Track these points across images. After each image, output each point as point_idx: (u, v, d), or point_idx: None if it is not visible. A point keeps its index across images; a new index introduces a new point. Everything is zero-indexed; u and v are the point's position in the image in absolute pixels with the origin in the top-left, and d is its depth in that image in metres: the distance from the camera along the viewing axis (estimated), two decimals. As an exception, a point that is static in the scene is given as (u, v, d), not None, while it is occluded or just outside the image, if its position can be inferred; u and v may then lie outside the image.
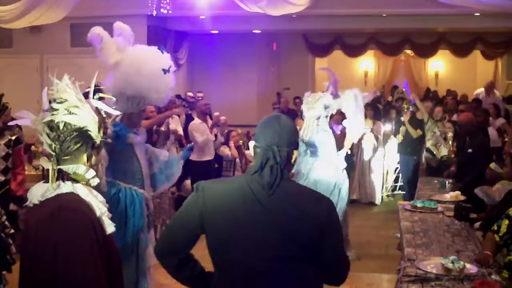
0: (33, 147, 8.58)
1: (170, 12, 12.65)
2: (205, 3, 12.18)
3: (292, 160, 2.53)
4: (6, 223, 3.89)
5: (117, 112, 2.50)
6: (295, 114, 11.75)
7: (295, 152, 2.53)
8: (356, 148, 10.78)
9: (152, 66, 4.77)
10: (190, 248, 2.60)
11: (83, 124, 2.34)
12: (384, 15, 13.41)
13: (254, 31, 15.08)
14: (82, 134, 2.33)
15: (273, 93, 16.63)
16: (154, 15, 12.70)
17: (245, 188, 2.48)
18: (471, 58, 17.62)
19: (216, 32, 14.76)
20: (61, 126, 2.31)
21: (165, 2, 12.47)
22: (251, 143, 2.59)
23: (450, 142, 8.86)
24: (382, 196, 11.56)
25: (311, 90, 9.45)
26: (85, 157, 2.38)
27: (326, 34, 16.63)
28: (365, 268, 7.20)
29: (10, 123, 4.49)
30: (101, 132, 2.40)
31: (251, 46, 15.87)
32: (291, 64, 17.47)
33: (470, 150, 7.71)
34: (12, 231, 3.96)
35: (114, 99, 4.25)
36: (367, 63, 20.16)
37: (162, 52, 4.95)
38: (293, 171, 5.82)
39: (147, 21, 13.24)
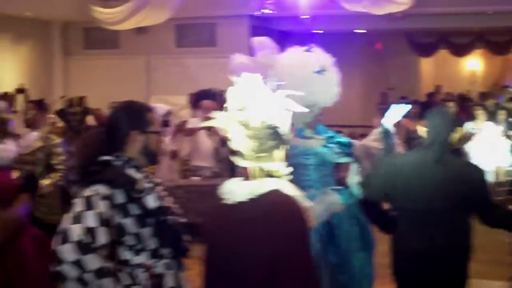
0: None
1: (273, 12, 12.62)
2: (308, 2, 12.06)
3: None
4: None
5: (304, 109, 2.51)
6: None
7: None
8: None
9: (302, 72, 4.62)
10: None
11: (277, 122, 2.40)
12: (490, 12, 12.85)
13: (357, 31, 14.83)
14: (275, 132, 2.39)
15: (378, 93, 16.31)
16: (257, 15, 12.71)
17: (421, 156, 3.67)
18: None
19: (319, 31, 14.63)
20: (257, 124, 2.36)
21: (268, 2, 12.45)
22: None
23: None
24: (492, 199, 11.03)
25: (416, 90, 9.23)
26: (278, 154, 2.42)
27: (431, 33, 16.20)
28: (475, 274, 6.88)
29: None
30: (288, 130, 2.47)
31: (355, 46, 15.63)
32: (395, 64, 17.09)
33: None
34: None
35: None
36: (474, 62, 19.43)
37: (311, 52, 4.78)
38: None
39: (250, 21, 13.29)
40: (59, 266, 2.36)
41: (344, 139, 4.57)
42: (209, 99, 9.77)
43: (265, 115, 2.39)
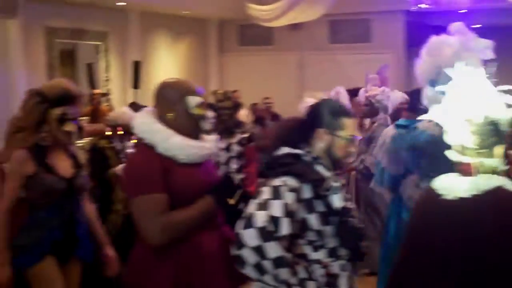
0: None
1: (429, 6, 12.25)
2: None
3: None
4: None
5: None
6: None
7: None
8: None
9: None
10: None
11: (499, 118, 2.33)
12: None
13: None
14: (497, 128, 2.33)
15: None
16: (413, 10, 12.40)
17: None
18: None
19: (478, 26, 13.99)
20: (480, 119, 2.31)
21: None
22: None
23: None
24: None
25: None
26: (498, 150, 2.36)
27: None
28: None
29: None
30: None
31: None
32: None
33: None
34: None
35: None
36: None
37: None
38: None
39: (405, 17, 12.99)
40: (239, 250, 2.40)
41: None
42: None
43: (488, 111, 2.32)
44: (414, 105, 4.80)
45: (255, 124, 9.50)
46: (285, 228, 2.43)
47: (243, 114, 7.33)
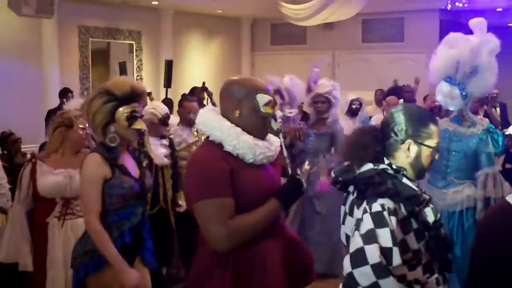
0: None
1: (465, 5, 12.09)
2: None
3: None
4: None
5: None
6: None
7: None
8: None
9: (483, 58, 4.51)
10: None
11: None
12: None
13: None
14: None
15: None
16: (448, 9, 12.25)
17: None
18: None
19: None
20: None
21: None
22: None
23: None
24: None
25: None
26: None
27: None
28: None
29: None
30: None
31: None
32: None
33: None
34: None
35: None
36: None
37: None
38: None
39: (440, 16, 12.83)
40: None
41: (499, 135, 4.35)
42: (395, 95, 9.62)
43: None
44: None
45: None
46: (397, 257, 2.28)
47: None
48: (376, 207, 2.34)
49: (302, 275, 2.89)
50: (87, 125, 3.79)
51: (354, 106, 8.72)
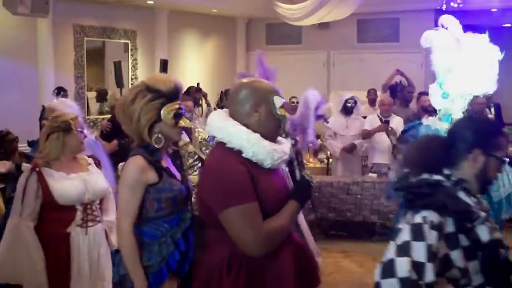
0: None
1: (460, 5, 12.11)
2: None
3: None
4: None
5: None
6: None
7: None
8: None
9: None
10: None
11: None
12: None
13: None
14: None
15: None
16: (443, 9, 12.26)
17: None
18: None
19: (509, 25, 13.80)
20: None
21: (455, -5, 11.98)
22: None
23: None
24: None
25: None
26: None
27: None
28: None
29: None
30: None
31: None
32: None
33: None
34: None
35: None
36: None
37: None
38: None
39: (435, 16, 12.84)
40: None
41: None
42: (390, 94, 9.65)
43: None
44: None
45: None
46: (430, 275, 2.18)
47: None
48: (417, 219, 2.28)
49: (311, 282, 2.86)
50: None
51: (348, 105, 8.75)
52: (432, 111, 7.11)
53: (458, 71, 4.50)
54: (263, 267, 2.62)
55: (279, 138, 2.79)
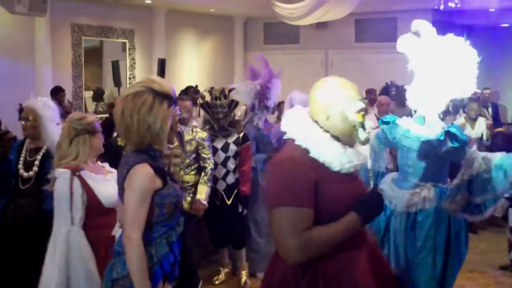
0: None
1: (458, 5, 12.12)
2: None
3: None
4: None
5: None
6: None
7: None
8: None
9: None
10: None
11: None
12: None
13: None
14: None
15: None
16: (441, 9, 12.27)
17: None
18: None
19: (506, 25, 13.82)
20: None
21: (453, -5, 11.99)
22: None
23: None
24: None
25: None
26: None
27: None
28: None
29: None
30: None
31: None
32: None
33: None
34: None
35: None
36: None
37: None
38: None
39: (432, 16, 12.85)
40: None
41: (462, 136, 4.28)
42: (386, 94, 9.65)
43: None
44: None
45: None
46: None
47: (241, 112, 7.17)
48: None
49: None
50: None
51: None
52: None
53: (434, 74, 4.51)
54: (340, 267, 2.56)
55: (358, 145, 2.71)
